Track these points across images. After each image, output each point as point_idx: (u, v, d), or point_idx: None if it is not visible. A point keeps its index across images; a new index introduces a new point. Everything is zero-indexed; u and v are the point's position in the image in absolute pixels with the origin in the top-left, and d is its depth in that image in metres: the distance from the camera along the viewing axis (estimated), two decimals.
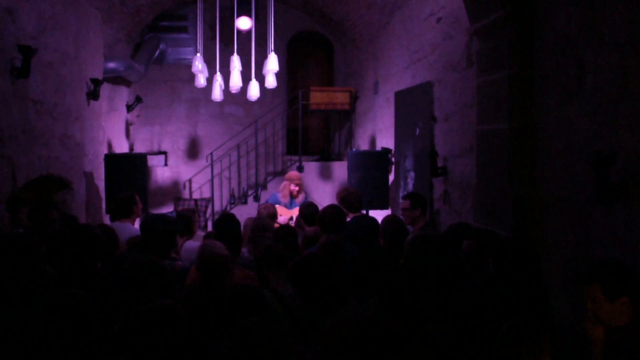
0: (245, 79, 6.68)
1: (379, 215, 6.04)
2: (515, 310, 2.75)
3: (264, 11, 7.26)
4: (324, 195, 8.90)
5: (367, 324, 2.31)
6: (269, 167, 10.24)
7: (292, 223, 6.44)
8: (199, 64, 6.65)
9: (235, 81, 6.52)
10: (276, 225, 5.77)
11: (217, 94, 6.91)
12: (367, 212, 6.82)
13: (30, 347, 2.19)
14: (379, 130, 8.47)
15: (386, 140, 7.98)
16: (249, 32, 7.22)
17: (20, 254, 3.18)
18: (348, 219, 5.03)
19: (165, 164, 10.21)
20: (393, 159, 7.47)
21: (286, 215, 6.86)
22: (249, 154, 10.10)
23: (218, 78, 6.87)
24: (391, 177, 7.51)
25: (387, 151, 7.50)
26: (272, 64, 6.35)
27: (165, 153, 10.25)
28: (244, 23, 8.25)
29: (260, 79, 6.65)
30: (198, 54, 6.69)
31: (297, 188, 6.93)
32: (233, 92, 6.85)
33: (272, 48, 6.41)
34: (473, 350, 2.67)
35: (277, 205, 7.06)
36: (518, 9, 3.94)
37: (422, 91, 6.40)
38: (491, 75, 4.26)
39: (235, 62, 6.51)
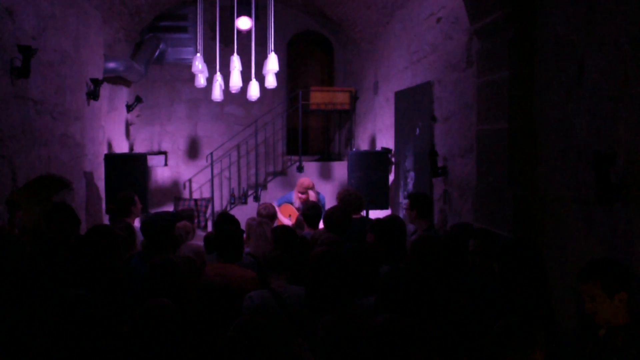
0: (245, 79, 6.68)
1: (379, 215, 6.05)
2: (518, 310, 2.76)
3: (264, 11, 7.26)
4: (324, 196, 8.87)
5: (379, 324, 2.28)
6: (269, 167, 10.23)
7: (291, 222, 6.43)
8: (199, 64, 6.64)
9: (235, 81, 6.52)
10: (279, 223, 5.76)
11: (217, 94, 6.90)
12: (367, 213, 6.82)
13: (36, 347, 2.20)
14: (379, 130, 8.47)
15: (386, 140, 7.98)
16: (249, 32, 7.22)
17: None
18: None
19: (165, 164, 10.21)
20: (393, 159, 7.46)
21: (293, 215, 6.82)
22: (249, 154, 10.10)
23: (218, 78, 6.87)
24: (391, 177, 7.51)
25: (387, 151, 7.50)
26: (272, 64, 6.35)
27: (165, 153, 10.25)
28: (244, 23, 8.25)
29: (260, 79, 6.65)
30: (198, 54, 6.69)
31: (304, 197, 6.84)
32: (233, 92, 6.85)
33: (272, 48, 6.41)
34: (474, 350, 2.67)
35: (286, 205, 7.02)
36: (518, 9, 3.94)
37: (422, 91, 6.40)
38: (491, 75, 4.26)
39: (235, 62, 6.51)
